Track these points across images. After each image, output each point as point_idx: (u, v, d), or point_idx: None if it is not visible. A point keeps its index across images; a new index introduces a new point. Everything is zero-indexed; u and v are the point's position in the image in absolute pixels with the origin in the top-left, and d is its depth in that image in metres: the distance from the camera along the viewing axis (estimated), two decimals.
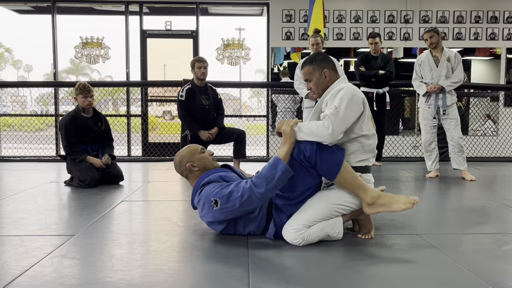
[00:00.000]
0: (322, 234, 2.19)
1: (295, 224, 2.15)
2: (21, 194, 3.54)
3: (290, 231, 2.16)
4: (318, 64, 2.34)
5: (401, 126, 8.25)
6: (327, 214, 2.19)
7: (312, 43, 5.01)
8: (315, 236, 2.17)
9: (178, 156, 2.47)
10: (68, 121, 4.01)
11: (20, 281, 1.73)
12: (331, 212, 2.20)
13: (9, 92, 6.88)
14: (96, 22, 8.39)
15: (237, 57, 7.51)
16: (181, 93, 4.60)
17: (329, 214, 2.20)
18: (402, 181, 4.49)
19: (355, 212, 2.32)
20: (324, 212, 2.18)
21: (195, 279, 1.80)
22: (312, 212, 2.17)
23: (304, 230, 2.14)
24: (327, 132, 2.11)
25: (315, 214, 2.17)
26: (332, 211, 2.21)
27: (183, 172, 2.46)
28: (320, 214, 2.17)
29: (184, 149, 2.49)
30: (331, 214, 2.21)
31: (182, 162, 2.42)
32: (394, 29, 7.34)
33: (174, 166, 2.50)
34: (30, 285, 1.69)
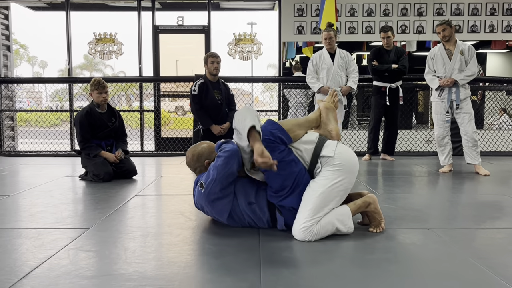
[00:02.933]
0: (332, 228, 2.20)
1: (302, 223, 2.16)
2: (37, 188, 3.61)
3: (299, 231, 2.17)
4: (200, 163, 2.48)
5: (414, 121, 8.17)
6: (327, 199, 2.20)
7: (325, 37, 4.99)
8: (324, 230, 2.18)
9: (196, 152, 2.46)
10: (83, 117, 4.07)
11: (38, 272, 1.78)
12: (330, 195, 2.20)
13: (24, 88, 6.99)
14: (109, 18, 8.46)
15: (249, 52, 7.51)
16: (194, 87, 4.63)
17: (329, 198, 2.20)
18: (415, 175, 4.46)
19: (362, 205, 2.32)
20: (324, 198, 2.19)
21: (208, 272, 1.82)
22: (313, 205, 2.17)
23: (314, 226, 2.16)
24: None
25: (316, 205, 2.17)
26: (331, 193, 2.20)
27: (197, 168, 2.48)
28: (320, 202, 2.18)
29: (202, 145, 2.49)
30: (331, 197, 2.21)
31: (200, 158, 2.44)
32: (407, 22, 7.25)
33: (188, 161, 2.50)
34: (48, 276, 1.74)
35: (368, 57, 5.47)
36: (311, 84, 5.11)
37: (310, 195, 2.21)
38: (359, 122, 8.03)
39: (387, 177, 4.35)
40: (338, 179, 2.22)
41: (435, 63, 4.49)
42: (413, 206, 3.01)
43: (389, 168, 4.85)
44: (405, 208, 2.94)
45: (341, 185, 2.24)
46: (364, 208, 2.34)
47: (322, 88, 5.00)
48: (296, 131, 2.32)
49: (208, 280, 1.73)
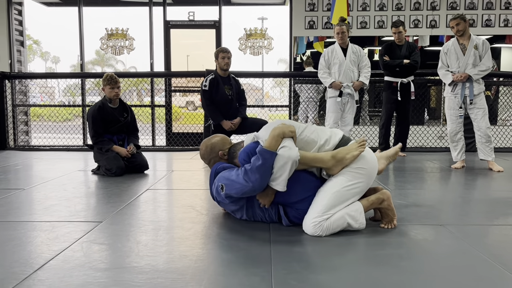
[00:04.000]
0: (343, 223, 2.20)
1: (313, 217, 2.17)
2: (51, 182, 3.67)
3: (309, 226, 2.18)
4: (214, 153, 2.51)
5: (426, 116, 8.09)
6: (341, 199, 2.20)
7: (337, 32, 4.96)
8: (335, 225, 2.18)
9: (209, 143, 2.52)
10: (95, 112, 4.11)
11: (52, 264, 1.81)
12: (344, 195, 2.21)
13: (38, 83, 7.07)
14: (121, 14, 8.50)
15: (260, 47, 7.49)
16: (205, 83, 4.64)
17: (343, 198, 2.21)
18: (427, 171, 4.43)
19: (375, 202, 2.32)
20: (338, 197, 2.19)
21: (219, 266, 1.84)
22: (327, 202, 2.18)
23: (324, 222, 2.16)
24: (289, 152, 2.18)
25: (329, 203, 2.18)
26: (345, 194, 2.21)
27: (211, 160, 2.52)
28: (334, 200, 2.18)
29: (216, 138, 2.55)
30: (345, 197, 2.22)
31: (214, 149, 2.49)
32: (420, 17, 7.16)
33: (202, 153, 2.55)
34: (62, 268, 1.76)
35: (380, 52, 5.43)
36: (323, 79, 5.08)
37: (325, 192, 2.22)
38: (371, 117, 7.98)
39: (398, 173, 4.32)
40: (355, 181, 2.24)
41: (448, 58, 4.44)
42: (425, 202, 2.99)
43: (401, 164, 4.82)
44: (416, 204, 2.92)
45: (357, 188, 2.26)
46: (377, 204, 2.33)
47: (334, 83, 4.98)
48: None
49: (220, 273, 1.74)
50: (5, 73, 6.44)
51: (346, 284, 1.64)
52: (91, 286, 1.59)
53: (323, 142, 2.32)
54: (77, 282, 1.63)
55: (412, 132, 5.95)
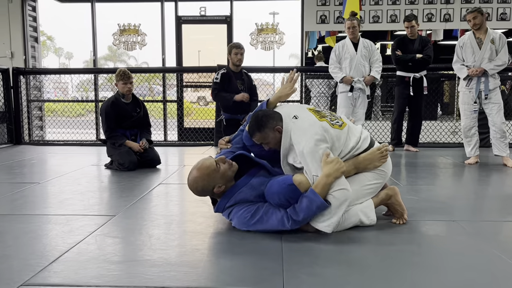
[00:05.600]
0: (355, 220, 2.20)
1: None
2: (65, 176, 3.72)
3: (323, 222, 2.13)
4: (268, 127, 2.21)
5: (439, 111, 8.00)
6: (357, 196, 2.22)
7: (348, 26, 4.93)
8: (348, 222, 2.18)
9: (196, 185, 2.14)
10: (108, 107, 4.15)
11: (67, 256, 1.84)
12: (361, 193, 2.24)
13: (52, 78, 7.15)
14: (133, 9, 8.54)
15: (271, 42, 7.47)
16: (217, 75, 4.66)
17: (359, 195, 2.23)
18: (440, 167, 4.39)
19: (385, 198, 2.34)
20: (355, 194, 2.19)
21: (230, 259, 1.85)
22: None
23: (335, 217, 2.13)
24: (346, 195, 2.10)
25: None
26: (363, 192, 2.24)
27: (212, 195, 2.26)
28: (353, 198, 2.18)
29: (199, 176, 2.12)
30: (362, 195, 2.24)
31: (206, 190, 2.16)
32: (434, 10, 7.06)
33: (194, 193, 2.20)
34: (77, 260, 1.80)
35: (392, 46, 5.38)
36: (334, 74, 5.06)
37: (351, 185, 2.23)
38: (383, 112, 7.92)
39: (410, 169, 4.29)
40: (375, 181, 2.28)
41: (464, 52, 4.38)
42: (437, 198, 2.97)
43: (413, 160, 4.78)
44: (429, 199, 2.91)
45: (375, 187, 2.30)
46: (386, 200, 2.35)
47: (345, 78, 4.95)
48: None
49: (231, 267, 1.76)
50: (19, 69, 6.53)
51: (357, 279, 1.64)
52: (105, 279, 1.62)
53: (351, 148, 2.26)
54: (92, 274, 1.66)
55: (424, 128, 5.89)
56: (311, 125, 2.17)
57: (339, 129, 2.24)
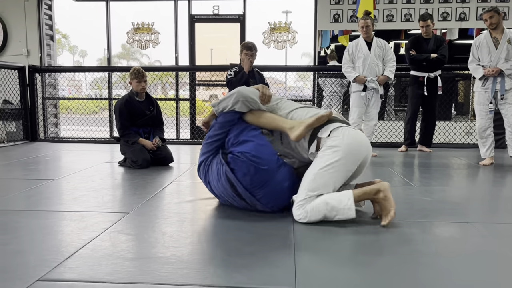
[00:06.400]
0: (327, 208, 2.20)
1: (297, 202, 2.26)
2: (79, 173, 3.77)
3: (294, 209, 2.27)
4: None
5: (453, 111, 7.91)
6: (320, 180, 2.23)
7: (361, 26, 4.90)
8: (318, 209, 2.20)
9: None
10: (122, 105, 4.19)
11: (82, 253, 1.87)
12: (323, 176, 2.24)
13: (66, 76, 7.26)
14: (147, 8, 8.60)
15: (284, 41, 7.46)
16: (230, 72, 4.67)
17: (322, 179, 2.24)
18: (454, 168, 4.34)
19: (369, 192, 2.27)
20: (317, 178, 2.23)
21: (243, 258, 1.86)
22: (307, 184, 2.25)
23: (307, 205, 2.22)
24: (238, 89, 2.54)
25: (309, 185, 2.24)
26: (324, 174, 2.24)
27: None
28: (313, 182, 2.24)
29: None
30: (325, 178, 2.24)
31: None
32: (449, 9, 6.97)
33: None
34: (91, 257, 1.82)
35: (406, 46, 5.33)
36: (347, 73, 5.03)
37: (305, 176, 2.31)
38: (396, 112, 7.86)
39: (424, 169, 4.25)
40: (331, 160, 2.24)
41: (480, 52, 4.33)
42: (451, 199, 2.94)
43: (426, 160, 4.74)
44: (442, 201, 2.88)
45: (335, 167, 2.24)
46: (372, 195, 2.27)
47: (358, 78, 4.92)
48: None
49: (243, 265, 1.76)
50: (35, 66, 6.63)
51: (369, 279, 1.63)
52: (119, 275, 1.64)
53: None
54: (106, 270, 1.68)
55: (438, 128, 5.83)
56: None
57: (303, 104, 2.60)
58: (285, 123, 2.40)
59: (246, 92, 2.46)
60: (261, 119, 2.47)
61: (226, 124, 2.51)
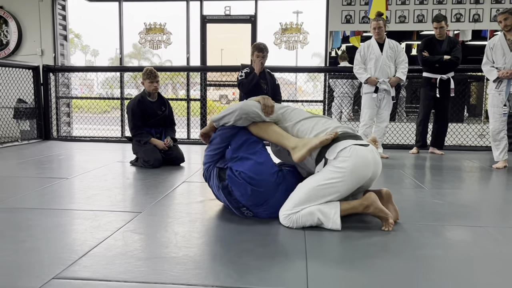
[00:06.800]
0: (313, 219, 2.21)
1: (284, 210, 2.27)
2: (91, 172, 3.81)
3: (281, 217, 2.28)
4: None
5: (466, 114, 7.83)
6: (312, 196, 2.22)
7: (374, 27, 4.88)
8: (304, 219, 2.21)
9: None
10: (135, 105, 4.23)
11: (96, 251, 1.89)
12: (318, 193, 2.22)
13: (79, 76, 7.34)
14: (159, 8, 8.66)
15: (295, 41, 7.46)
16: (241, 73, 4.68)
17: (317, 195, 2.22)
18: (466, 171, 4.30)
19: (357, 207, 2.25)
20: (309, 194, 2.22)
21: (254, 259, 1.86)
22: (297, 197, 2.25)
23: (293, 215, 2.22)
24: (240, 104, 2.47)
25: (300, 198, 2.24)
26: (320, 191, 2.22)
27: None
28: (306, 197, 2.22)
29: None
30: (319, 195, 2.22)
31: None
32: (462, 10, 6.91)
33: None
34: (105, 256, 1.85)
35: (419, 47, 5.29)
36: (358, 74, 5.02)
37: (301, 187, 2.29)
38: (407, 114, 7.80)
39: (435, 172, 4.22)
40: (333, 180, 2.19)
41: (494, 54, 4.29)
42: (463, 202, 2.92)
43: (438, 163, 4.71)
44: (454, 204, 2.86)
45: (335, 187, 2.20)
46: (362, 210, 2.26)
47: (370, 79, 4.90)
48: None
49: (255, 267, 1.77)
50: (49, 66, 6.71)
51: (381, 283, 1.63)
52: (133, 274, 1.66)
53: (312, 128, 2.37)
54: (120, 269, 1.71)
55: (450, 130, 5.78)
56: None
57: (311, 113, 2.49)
58: (289, 141, 2.33)
59: (248, 108, 2.39)
60: (265, 133, 2.40)
61: (227, 139, 2.46)
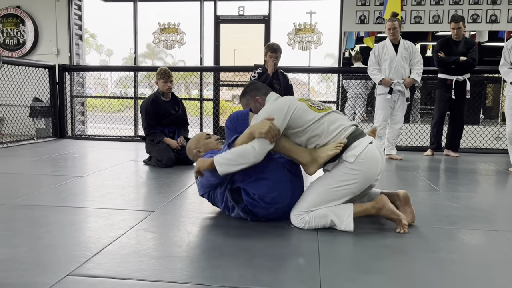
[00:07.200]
0: (326, 221, 2.21)
1: (297, 210, 2.26)
2: (105, 171, 3.85)
3: (293, 217, 2.27)
4: (250, 95, 2.49)
5: (481, 116, 7.72)
6: (326, 198, 2.22)
7: (389, 27, 4.83)
8: (317, 221, 2.21)
9: (189, 144, 2.65)
10: (148, 104, 4.26)
11: (110, 249, 1.91)
12: (332, 195, 2.22)
13: (93, 75, 7.42)
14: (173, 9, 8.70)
15: (309, 42, 7.43)
16: (254, 74, 4.68)
17: (330, 197, 2.22)
18: (481, 174, 4.24)
19: (370, 209, 2.23)
20: (323, 196, 2.22)
21: (267, 259, 1.86)
22: (311, 198, 2.24)
23: (305, 215, 2.22)
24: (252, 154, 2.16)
25: (314, 200, 2.23)
26: (333, 193, 2.22)
27: (193, 158, 2.63)
28: (320, 198, 2.22)
29: (193, 138, 2.66)
30: (333, 197, 2.22)
31: (190, 149, 2.62)
32: (479, 11, 6.81)
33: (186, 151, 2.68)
34: (119, 254, 1.86)
35: (435, 48, 5.23)
36: (373, 75, 4.97)
37: (314, 188, 2.28)
38: (422, 115, 7.72)
39: (450, 174, 4.17)
40: (347, 182, 2.19)
41: (511, 55, 4.22)
42: (479, 206, 2.88)
43: (453, 165, 4.64)
44: (470, 207, 2.82)
45: (348, 189, 2.21)
46: (375, 213, 2.24)
47: (384, 80, 4.86)
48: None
49: (268, 267, 1.77)
50: (65, 65, 6.80)
51: (394, 286, 1.61)
52: (146, 273, 1.67)
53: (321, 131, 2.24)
54: (133, 267, 1.72)
55: (466, 132, 5.70)
56: (283, 102, 2.28)
57: (316, 112, 2.27)
58: (300, 157, 2.26)
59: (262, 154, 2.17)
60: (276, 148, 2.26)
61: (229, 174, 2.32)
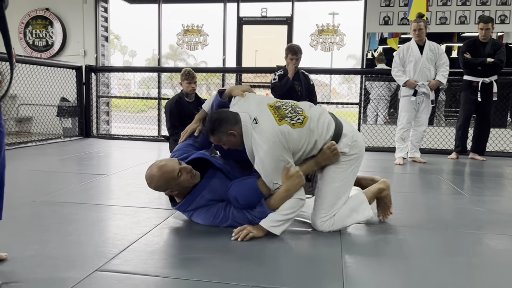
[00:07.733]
0: (350, 220, 2.24)
1: (320, 217, 2.23)
2: (130, 170, 3.92)
3: (317, 225, 2.24)
4: (221, 131, 2.14)
5: (509, 119, 7.53)
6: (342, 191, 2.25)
7: (414, 29, 4.77)
8: (342, 222, 2.22)
9: (151, 181, 2.18)
10: (173, 105, 4.32)
11: (136, 246, 1.96)
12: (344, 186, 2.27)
13: (118, 76, 7.57)
14: (197, 10, 8.80)
15: (331, 43, 7.40)
16: (274, 76, 4.69)
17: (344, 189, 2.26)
18: (508, 178, 4.14)
19: (378, 192, 2.42)
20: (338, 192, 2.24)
21: (291, 259, 1.87)
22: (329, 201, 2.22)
23: (330, 219, 2.22)
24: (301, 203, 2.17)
25: (331, 201, 2.22)
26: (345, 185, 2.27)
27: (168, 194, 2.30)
28: (334, 197, 2.23)
29: (157, 175, 2.14)
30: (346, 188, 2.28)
31: (159, 189, 2.21)
32: (507, 12, 6.65)
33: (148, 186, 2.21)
34: (144, 251, 1.90)
35: (461, 49, 5.14)
36: (397, 77, 4.92)
37: (325, 190, 2.26)
38: (446, 118, 7.58)
39: (476, 178, 4.09)
40: (351, 168, 2.27)
41: None
42: (506, 211, 2.82)
43: (479, 169, 4.55)
44: (497, 212, 2.76)
45: (354, 173, 2.30)
46: (378, 194, 2.42)
47: (409, 82, 4.80)
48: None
49: (291, 266, 1.78)
50: (91, 66, 6.96)
51: None
52: (171, 270, 1.71)
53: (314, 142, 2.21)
54: (159, 264, 1.76)
55: (492, 135, 5.58)
56: (272, 134, 2.08)
57: (300, 127, 2.15)
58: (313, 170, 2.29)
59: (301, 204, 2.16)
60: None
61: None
